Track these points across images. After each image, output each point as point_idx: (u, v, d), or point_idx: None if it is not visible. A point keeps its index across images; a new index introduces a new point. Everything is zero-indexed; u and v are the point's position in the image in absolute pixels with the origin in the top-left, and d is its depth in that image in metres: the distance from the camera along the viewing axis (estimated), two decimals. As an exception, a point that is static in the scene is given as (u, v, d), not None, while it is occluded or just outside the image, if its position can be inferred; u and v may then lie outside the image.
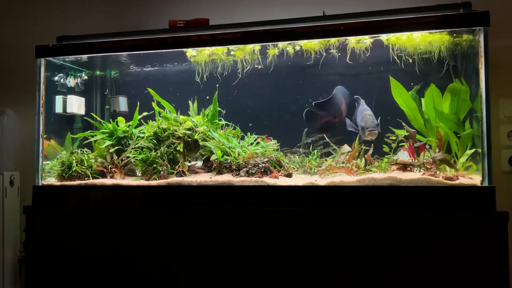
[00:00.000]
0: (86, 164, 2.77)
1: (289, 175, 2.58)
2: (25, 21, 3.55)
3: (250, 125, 2.92)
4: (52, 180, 2.79)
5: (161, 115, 2.82)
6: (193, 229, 2.41)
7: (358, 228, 2.22)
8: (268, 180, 2.43)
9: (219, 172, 2.63)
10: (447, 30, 2.40)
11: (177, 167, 2.67)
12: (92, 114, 3.06)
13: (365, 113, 2.72)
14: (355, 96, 2.84)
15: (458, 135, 2.49)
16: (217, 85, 2.88)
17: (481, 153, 2.20)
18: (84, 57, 2.97)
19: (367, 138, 2.66)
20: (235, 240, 2.35)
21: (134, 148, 2.73)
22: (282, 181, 2.45)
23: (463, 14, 2.28)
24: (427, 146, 2.45)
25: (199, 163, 2.82)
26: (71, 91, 3.10)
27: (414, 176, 2.29)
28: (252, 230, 2.33)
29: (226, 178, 2.51)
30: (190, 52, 2.85)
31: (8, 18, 3.59)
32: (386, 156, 2.65)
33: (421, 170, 2.40)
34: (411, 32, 2.48)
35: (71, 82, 3.08)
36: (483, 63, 2.19)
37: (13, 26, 3.57)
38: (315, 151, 2.84)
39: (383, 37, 2.54)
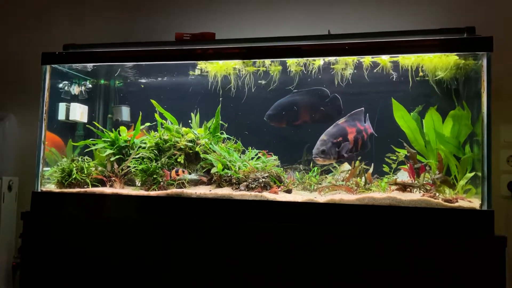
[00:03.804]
0: (86, 172, 2.77)
1: (288, 191, 2.58)
2: (30, 29, 3.58)
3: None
4: (52, 187, 2.78)
5: (163, 126, 2.83)
6: (190, 241, 2.40)
7: (356, 246, 2.21)
8: (267, 195, 2.43)
9: (219, 185, 2.63)
10: (450, 53, 2.43)
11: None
12: (95, 122, 3.06)
13: (321, 137, 2.66)
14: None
15: (459, 160, 2.50)
16: (220, 99, 2.91)
17: (481, 177, 2.21)
18: (89, 65, 2.99)
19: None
20: (232, 253, 2.34)
21: (135, 158, 2.73)
22: (282, 196, 2.46)
23: (467, 38, 2.31)
24: (427, 168, 2.46)
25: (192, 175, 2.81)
26: (74, 98, 3.12)
27: (414, 197, 2.30)
28: (250, 244, 2.33)
29: (225, 191, 2.51)
30: (205, 66, 2.87)
31: (13, 25, 3.62)
32: (386, 176, 2.66)
33: (421, 191, 2.41)
34: (415, 54, 2.52)
35: (75, 90, 3.10)
36: (485, 87, 2.21)
37: (18, 33, 3.60)
38: (315, 168, 2.84)
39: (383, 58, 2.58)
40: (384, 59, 2.60)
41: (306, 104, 2.93)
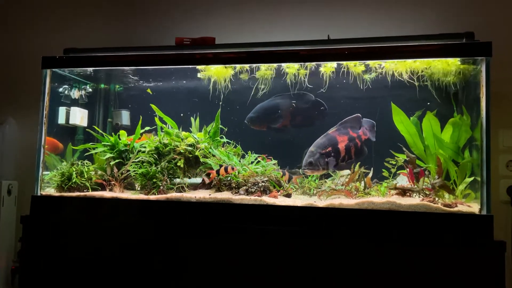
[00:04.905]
0: (85, 176, 2.77)
1: (288, 195, 2.58)
2: (30, 33, 3.59)
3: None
4: (51, 191, 2.78)
5: (163, 130, 2.84)
6: (190, 245, 2.40)
7: (356, 250, 2.21)
8: (267, 200, 2.43)
9: (219, 190, 2.63)
10: (449, 58, 2.44)
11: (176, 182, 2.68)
12: (94, 126, 3.06)
13: (310, 148, 2.66)
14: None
15: (458, 164, 2.50)
16: (220, 103, 2.91)
17: (480, 181, 2.21)
18: (90, 70, 2.99)
19: None
20: (231, 257, 2.34)
21: (135, 162, 2.74)
22: (281, 201, 2.46)
23: (466, 44, 2.32)
24: (426, 172, 2.47)
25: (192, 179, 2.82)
26: (74, 102, 3.12)
27: (413, 201, 2.30)
28: (249, 249, 2.33)
29: (225, 195, 2.51)
30: (206, 74, 2.88)
31: (13, 29, 3.63)
32: (385, 180, 2.66)
33: (420, 195, 2.41)
34: (414, 59, 2.53)
35: (75, 94, 3.11)
36: (484, 92, 2.21)
37: (18, 37, 3.61)
38: (315, 172, 2.84)
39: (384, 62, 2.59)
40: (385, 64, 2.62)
41: (287, 107, 2.94)
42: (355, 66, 2.67)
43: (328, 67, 2.69)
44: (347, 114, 2.76)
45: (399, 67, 2.61)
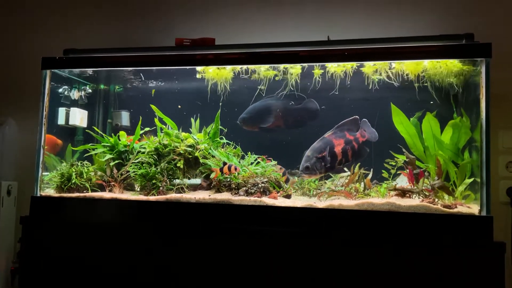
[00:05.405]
0: (85, 177, 2.77)
1: (288, 196, 2.58)
2: (30, 34, 3.59)
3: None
4: (51, 192, 2.78)
5: (162, 131, 2.84)
6: (189, 247, 2.40)
7: (355, 251, 2.21)
8: (267, 200, 2.43)
9: (218, 190, 2.63)
10: (449, 60, 2.44)
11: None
12: (94, 127, 3.06)
13: (306, 152, 2.66)
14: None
15: (458, 165, 2.50)
16: (220, 104, 2.91)
17: (480, 182, 2.21)
18: (89, 70, 2.99)
19: None
20: (231, 258, 2.34)
21: (134, 162, 2.73)
22: (281, 201, 2.46)
23: (466, 45, 2.32)
24: (426, 173, 2.47)
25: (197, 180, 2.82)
26: (74, 103, 3.12)
27: (413, 202, 2.30)
28: (249, 250, 2.33)
29: (225, 196, 2.51)
30: (207, 72, 2.88)
31: (13, 29, 3.63)
32: (385, 181, 2.66)
33: (420, 197, 2.41)
34: (414, 60, 2.53)
35: (75, 94, 3.10)
36: (484, 93, 2.21)
37: (18, 38, 3.61)
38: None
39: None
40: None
41: (280, 108, 2.95)
42: (361, 68, 2.67)
43: (334, 67, 2.69)
44: (345, 115, 2.76)
45: (398, 68, 2.61)
